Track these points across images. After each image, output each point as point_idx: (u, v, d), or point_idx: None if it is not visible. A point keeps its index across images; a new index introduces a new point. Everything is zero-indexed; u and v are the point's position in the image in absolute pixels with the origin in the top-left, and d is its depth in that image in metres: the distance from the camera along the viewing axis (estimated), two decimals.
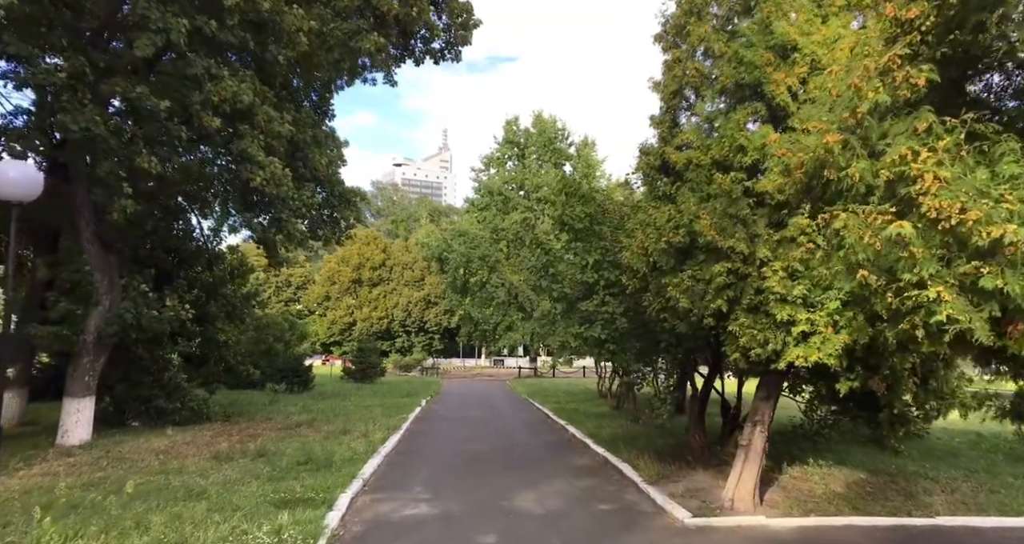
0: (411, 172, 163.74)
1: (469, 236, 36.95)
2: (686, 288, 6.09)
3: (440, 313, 56.13)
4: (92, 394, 11.15)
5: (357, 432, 12.47)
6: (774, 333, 5.59)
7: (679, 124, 7.39)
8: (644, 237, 6.78)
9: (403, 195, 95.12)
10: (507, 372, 45.74)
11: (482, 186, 40.49)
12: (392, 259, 58.17)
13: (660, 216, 6.70)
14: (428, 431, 13.40)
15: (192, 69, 9.55)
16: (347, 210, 15.75)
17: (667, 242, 6.44)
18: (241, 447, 10.67)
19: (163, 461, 9.41)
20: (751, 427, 6.61)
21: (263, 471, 8.55)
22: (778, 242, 5.69)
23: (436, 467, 9.26)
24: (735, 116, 5.88)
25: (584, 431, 12.34)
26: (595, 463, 9.48)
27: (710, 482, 7.59)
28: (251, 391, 22.88)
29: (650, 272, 6.80)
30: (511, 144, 40.24)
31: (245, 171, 10.89)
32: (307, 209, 13.28)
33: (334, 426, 13.44)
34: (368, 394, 22.13)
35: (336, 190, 15.05)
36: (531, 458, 10.03)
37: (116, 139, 9.52)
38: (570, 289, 7.98)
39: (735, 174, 5.87)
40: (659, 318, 7.08)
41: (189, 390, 14.40)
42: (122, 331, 10.87)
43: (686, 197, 6.44)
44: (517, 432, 13.34)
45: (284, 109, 12.38)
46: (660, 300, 6.75)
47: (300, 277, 60.64)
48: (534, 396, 22.09)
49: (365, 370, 27.84)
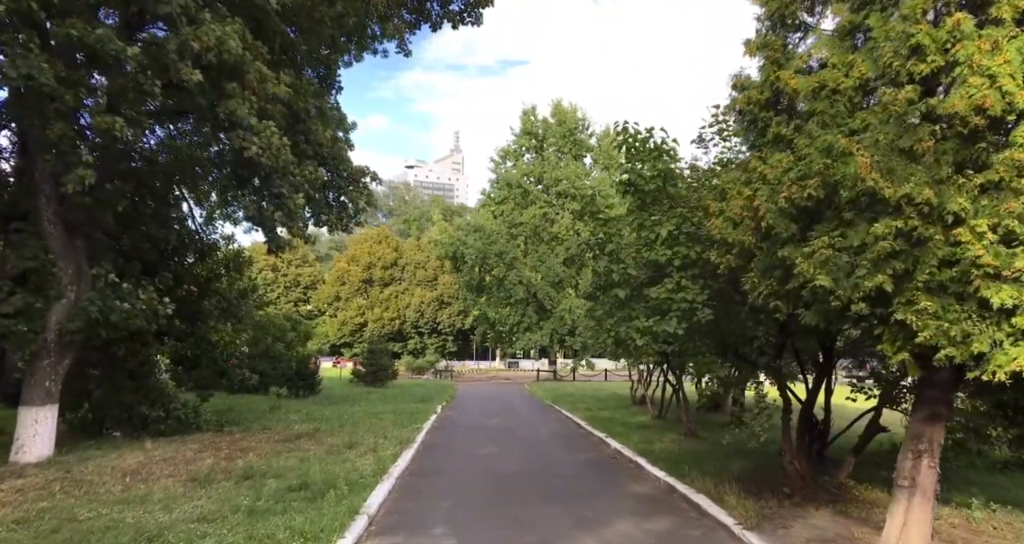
0: (423, 174, 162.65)
1: (485, 231, 35.08)
2: (823, 261, 4.24)
3: (454, 314, 54.41)
4: (54, 402, 9.49)
5: (364, 446, 10.72)
6: (980, 325, 3.72)
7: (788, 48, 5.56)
8: (746, 198, 4.94)
9: (415, 195, 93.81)
10: (523, 375, 43.88)
11: (499, 179, 38.60)
12: (404, 258, 56.60)
13: (773, 166, 4.85)
14: (446, 444, 11.61)
15: (165, 7, 7.86)
16: (356, 192, 14.02)
17: (787, 200, 4.60)
18: (227, 465, 8.96)
19: (128, 486, 7.71)
20: (912, 459, 4.73)
21: (244, 502, 6.80)
22: (981, 189, 3.83)
23: (460, 495, 7.45)
24: (909, 2, 4.04)
25: (631, 447, 10.47)
26: (658, 491, 7.62)
27: (837, 528, 5.64)
28: (254, 396, 21.28)
29: (759, 243, 4.95)
30: (529, 135, 38.28)
31: (236, 139, 9.19)
32: (309, 186, 11.54)
33: (339, 438, 11.69)
34: (378, 399, 20.41)
35: (342, 169, 13.32)
36: (574, 483, 8.20)
37: (71, 93, 7.85)
38: (635, 270, 6.15)
39: (909, 89, 4.01)
40: (763, 307, 5.24)
41: (175, 396, 12.75)
42: (87, 327, 9.20)
43: (815, 136, 4.58)
44: (549, 446, 11.50)
45: (281, 70, 10.70)
46: (770, 282, 4.90)
47: (309, 277, 59.23)
48: (559, 402, 20.23)
49: (376, 373, 26.15)
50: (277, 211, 11.26)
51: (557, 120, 37.82)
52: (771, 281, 4.93)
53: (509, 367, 53.61)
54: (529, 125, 38.19)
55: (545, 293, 34.59)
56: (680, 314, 5.93)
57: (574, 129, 37.63)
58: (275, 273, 56.76)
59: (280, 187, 10.59)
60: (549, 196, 36.96)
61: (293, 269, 58.25)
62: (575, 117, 37.92)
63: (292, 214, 11.38)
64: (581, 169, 37.66)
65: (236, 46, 8.55)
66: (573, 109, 37.98)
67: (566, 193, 36.13)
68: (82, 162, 8.03)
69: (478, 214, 41.82)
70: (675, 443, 10.73)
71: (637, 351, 7.29)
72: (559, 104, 38.06)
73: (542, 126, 37.92)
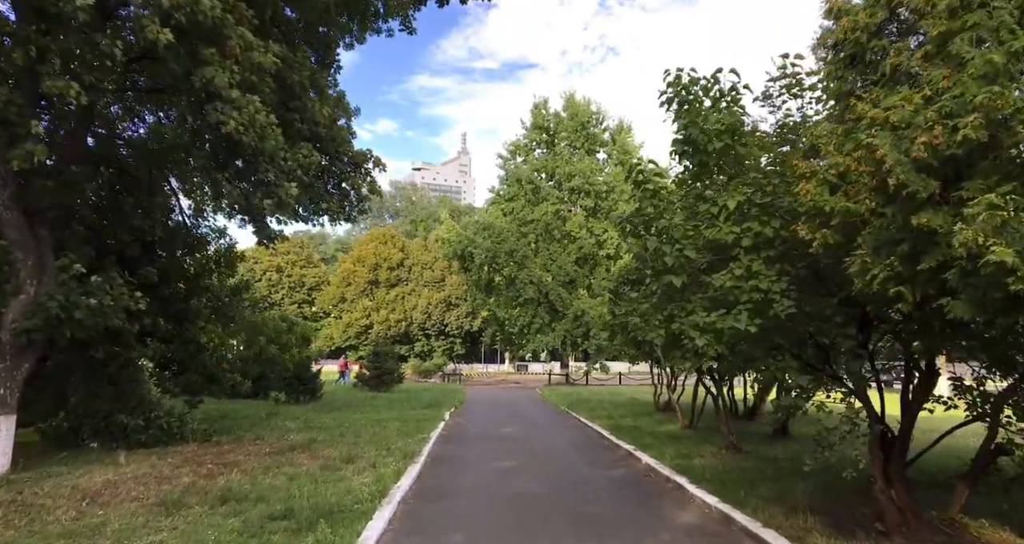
0: (430, 177, 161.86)
1: (494, 230, 33.79)
2: (999, 225, 2.99)
3: (462, 315, 53.19)
4: (10, 412, 8.36)
5: (364, 460, 9.53)
6: None
7: None
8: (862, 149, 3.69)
9: (422, 195, 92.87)
10: (533, 378, 42.58)
11: (509, 175, 37.30)
12: (411, 258, 55.51)
13: (898, 106, 3.61)
14: (456, 458, 10.38)
15: None
16: (357, 179, 12.86)
17: (927, 146, 3.35)
18: (204, 485, 7.79)
19: (82, 512, 6.55)
20: None
21: (211, 536, 5.61)
22: None
23: (474, 527, 6.22)
24: None
25: (666, 463, 9.21)
26: (710, 522, 6.35)
27: None
28: (252, 401, 20.15)
29: (879, 208, 3.70)
30: (540, 130, 36.94)
31: (214, 112, 8.04)
32: (303, 172, 10.38)
33: (336, 450, 10.51)
34: (383, 405, 19.22)
35: (342, 153, 12.16)
36: (608, 509, 6.95)
37: (19, 51, 6.72)
38: (695, 252, 4.89)
39: None
40: (872, 295, 3.99)
41: (159, 404, 11.61)
42: (46, 326, 8.06)
43: (968, 58, 3.34)
44: (571, 459, 10.26)
45: (270, 38, 9.56)
46: (890, 260, 3.66)
47: (314, 278, 58.23)
48: (575, 408, 18.95)
49: (381, 377, 24.97)
50: (266, 199, 10.11)
51: (569, 114, 36.47)
52: (891, 260, 3.67)
53: (518, 370, 52.26)
54: (540, 119, 36.87)
55: (556, 294, 33.30)
56: (752, 307, 4.68)
57: (587, 123, 36.25)
58: (279, 274, 55.80)
59: (267, 172, 9.41)
60: (561, 192, 35.66)
61: (298, 270, 57.28)
62: (588, 110, 36.56)
63: (283, 204, 10.22)
64: (595, 164, 36.26)
65: (212, 6, 7.39)
66: (586, 102, 36.62)
67: (579, 189, 34.84)
68: (31, 135, 6.89)
69: (487, 212, 40.46)
70: (716, 458, 9.45)
71: (696, 353, 6.01)
72: (571, 97, 36.68)
73: (554, 120, 36.60)
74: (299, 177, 10.53)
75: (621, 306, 9.88)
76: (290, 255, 56.62)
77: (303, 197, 11.66)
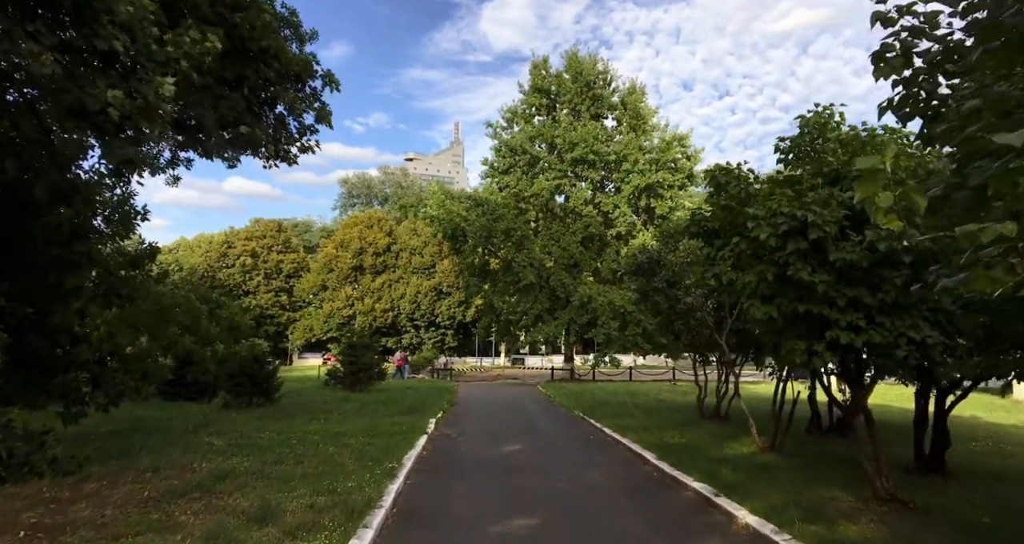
0: (423, 167, 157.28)
1: (489, 206, 29.77)
2: None
3: (454, 305, 49.30)
4: None
5: (282, 524, 5.73)
6: None
7: None
8: None
9: (412, 180, 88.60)
10: (531, 373, 38.86)
11: (502, 144, 33.16)
12: (399, 243, 51.50)
13: None
14: (435, 513, 6.60)
15: None
16: (298, 99, 8.96)
17: None
18: None
19: None
20: None
21: None
22: None
23: None
24: None
25: (788, 530, 5.45)
26: None
27: None
28: (191, 405, 16.28)
29: None
30: (540, 93, 32.69)
31: None
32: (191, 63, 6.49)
33: (252, 495, 6.73)
34: (354, 410, 15.40)
35: (270, 54, 8.24)
36: None
37: None
38: None
39: None
40: None
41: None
42: None
43: None
44: (619, 513, 6.51)
45: None
46: None
47: (292, 264, 54.02)
48: (593, 413, 15.17)
49: (357, 374, 21.13)
50: (126, 99, 6.19)
51: (572, 74, 32.19)
52: None
53: (515, 364, 48.52)
54: (540, 81, 32.62)
55: (559, 279, 29.45)
56: None
57: (592, 82, 32.00)
58: (254, 259, 51.60)
59: (112, 37, 5.51)
60: (563, 164, 31.64)
61: (274, 255, 53.04)
62: (594, 69, 32.27)
63: (151, 108, 6.33)
64: (602, 131, 32.07)
65: None
66: (592, 60, 32.39)
67: (583, 160, 30.84)
68: None
69: (482, 187, 36.35)
70: (871, 520, 5.68)
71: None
72: (574, 55, 32.35)
73: (555, 82, 32.42)
74: (185, 70, 6.63)
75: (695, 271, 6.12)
76: (266, 239, 52.36)
77: (206, 114, 7.76)
